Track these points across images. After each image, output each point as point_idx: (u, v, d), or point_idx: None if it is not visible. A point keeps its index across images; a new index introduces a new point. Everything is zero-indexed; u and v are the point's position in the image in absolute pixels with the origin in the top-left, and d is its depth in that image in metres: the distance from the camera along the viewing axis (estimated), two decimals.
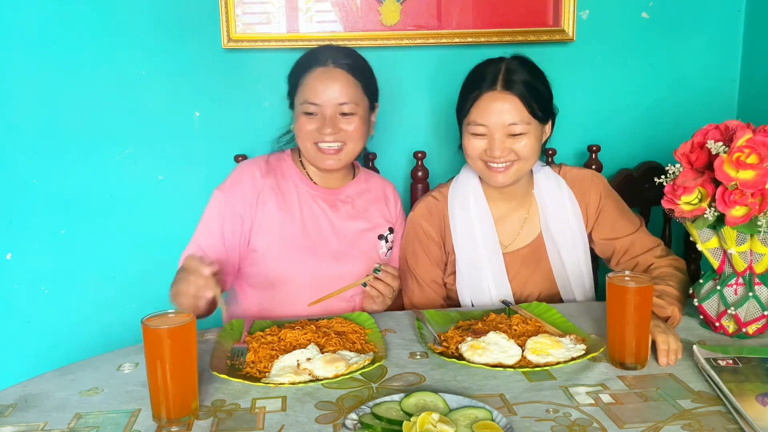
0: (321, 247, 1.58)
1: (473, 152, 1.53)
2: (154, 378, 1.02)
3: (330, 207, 1.62)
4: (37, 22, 1.85)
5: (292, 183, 1.62)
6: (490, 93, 1.49)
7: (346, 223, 1.63)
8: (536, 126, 1.51)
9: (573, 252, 1.61)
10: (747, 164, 1.20)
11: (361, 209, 1.66)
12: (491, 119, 1.49)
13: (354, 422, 0.99)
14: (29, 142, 1.90)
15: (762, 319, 1.31)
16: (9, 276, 1.96)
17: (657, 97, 2.09)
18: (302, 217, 1.59)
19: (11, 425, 1.03)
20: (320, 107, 1.52)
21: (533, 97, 1.48)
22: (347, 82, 1.54)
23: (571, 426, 1.00)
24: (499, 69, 1.50)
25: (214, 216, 1.57)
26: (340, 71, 1.54)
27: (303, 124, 1.54)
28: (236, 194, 1.57)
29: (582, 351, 1.23)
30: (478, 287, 1.60)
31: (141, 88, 1.91)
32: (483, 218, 1.61)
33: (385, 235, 1.66)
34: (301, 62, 1.58)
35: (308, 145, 1.55)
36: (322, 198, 1.62)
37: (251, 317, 1.48)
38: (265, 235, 1.57)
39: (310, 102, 1.52)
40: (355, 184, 1.68)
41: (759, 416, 0.98)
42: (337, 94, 1.52)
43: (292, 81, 1.59)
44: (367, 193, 1.69)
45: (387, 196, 1.72)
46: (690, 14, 2.05)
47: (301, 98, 1.54)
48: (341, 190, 1.66)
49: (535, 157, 1.54)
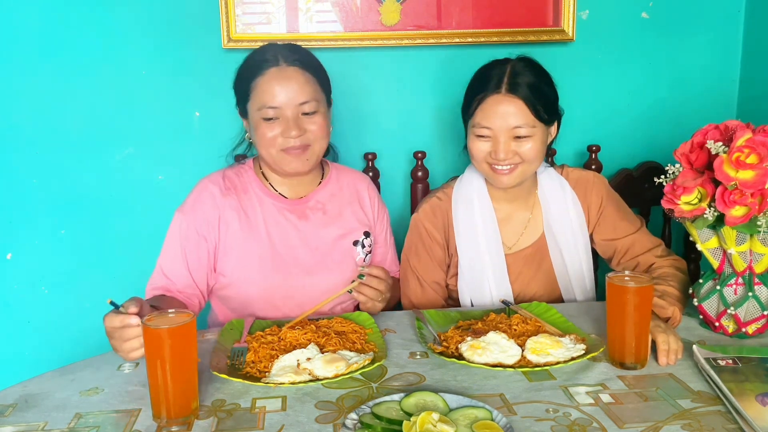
0: (291, 263, 1.51)
1: (478, 154, 1.53)
2: (154, 378, 1.02)
3: (298, 218, 1.55)
4: (38, 23, 1.85)
5: (255, 198, 1.53)
6: (495, 96, 1.48)
7: (317, 232, 1.55)
8: (541, 128, 1.51)
9: (575, 252, 1.62)
10: (747, 164, 1.20)
11: (333, 214, 1.58)
12: (496, 122, 1.48)
13: (354, 422, 0.99)
14: (29, 142, 1.90)
15: (762, 318, 1.31)
16: (9, 276, 1.96)
17: (657, 97, 2.09)
18: (268, 233, 1.52)
19: (11, 425, 1.03)
20: (280, 110, 1.44)
21: (538, 100, 1.48)
22: (304, 80, 1.45)
23: (570, 426, 1.00)
24: (504, 71, 1.50)
25: (176, 240, 1.49)
26: (294, 69, 1.45)
27: (264, 131, 1.45)
28: (198, 216, 1.49)
29: (582, 351, 1.23)
30: (479, 288, 1.60)
31: (141, 88, 1.91)
32: (487, 219, 1.61)
33: (360, 240, 1.59)
34: (248, 66, 1.49)
35: (273, 152, 1.47)
36: (288, 209, 1.55)
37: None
38: (231, 259, 1.50)
39: (269, 106, 1.44)
40: (324, 186, 1.60)
41: (759, 416, 0.98)
42: (296, 94, 1.44)
43: (242, 87, 1.50)
44: (339, 194, 1.61)
45: (360, 194, 1.64)
46: (690, 14, 2.05)
47: (257, 104, 1.45)
48: (310, 196, 1.58)
49: (540, 159, 1.54)
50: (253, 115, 1.48)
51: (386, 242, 1.71)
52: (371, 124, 2.01)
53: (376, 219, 1.67)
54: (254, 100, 1.47)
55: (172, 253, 1.50)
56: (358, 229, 1.61)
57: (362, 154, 1.99)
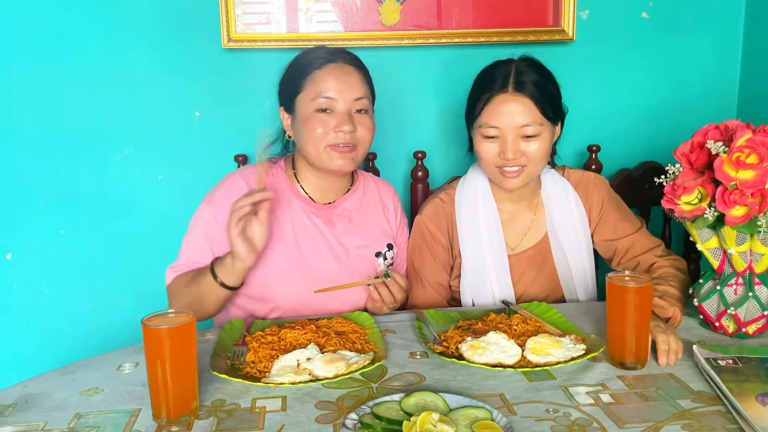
0: (314, 266, 1.52)
1: (487, 156, 1.52)
2: (154, 378, 1.02)
3: (325, 223, 1.55)
4: (37, 22, 1.85)
5: (284, 198, 1.54)
6: (502, 95, 1.48)
7: (341, 239, 1.56)
8: (548, 127, 1.51)
9: (578, 253, 1.62)
10: (747, 164, 1.20)
11: (358, 223, 1.59)
12: (504, 121, 1.48)
13: (354, 422, 0.99)
14: (29, 142, 1.90)
15: (762, 319, 1.31)
16: (9, 276, 1.96)
17: (657, 97, 2.09)
18: (295, 234, 1.52)
19: (11, 425, 1.03)
20: (335, 102, 1.45)
21: (545, 98, 1.48)
22: (360, 78, 1.49)
23: (571, 426, 1.00)
24: (509, 71, 1.50)
25: (202, 231, 1.50)
26: (351, 68, 1.49)
27: (315, 125, 1.45)
28: (225, 208, 1.44)
29: (582, 351, 1.23)
30: (481, 289, 1.60)
31: (141, 88, 1.91)
32: (490, 220, 1.61)
33: (383, 252, 1.60)
34: (305, 60, 1.50)
35: (320, 148, 1.46)
36: (315, 213, 1.55)
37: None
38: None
39: (326, 96, 1.44)
40: (353, 194, 1.61)
41: (759, 416, 0.98)
42: (353, 89, 1.46)
43: (295, 80, 1.49)
44: (365, 204, 1.62)
45: (386, 204, 1.65)
46: (690, 14, 2.05)
47: (311, 94, 1.45)
48: (338, 203, 1.58)
49: (545, 160, 1.54)
50: (304, 108, 1.48)
51: (404, 251, 1.70)
52: None
53: (398, 230, 1.67)
54: (309, 90, 1.47)
55: (197, 244, 1.50)
56: (382, 240, 1.61)
57: None
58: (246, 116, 1.96)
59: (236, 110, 1.95)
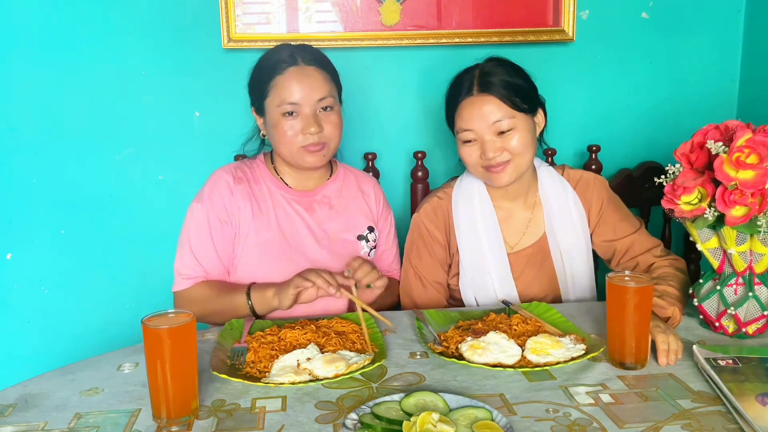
0: (299, 252, 1.57)
1: (470, 159, 1.55)
2: (154, 378, 1.02)
3: (306, 209, 1.61)
4: (37, 22, 1.85)
5: (266, 188, 1.60)
6: (469, 98, 1.52)
7: (323, 224, 1.61)
8: (523, 118, 1.52)
9: (577, 252, 1.62)
10: (747, 164, 1.20)
11: (339, 209, 1.64)
12: (475, 123, 1.50)
13: (354, 422, 0.99)
14: (29, 142, 1.90)
15: (762, 319, 1.31)
16: (9, 276, 1.96)
17: (657, 97, 2.09)
18: (278, 221, 1.58)
19: (11, 425, 1.03)
20: (299, 106, 1.50)
21: (511, 92, 1.50)
22: (322, 78, 1.52)
23: (571, 426, 1.00)
24: (473, 75, 1.53)
25: (202, 228, 1.54)
26: (312, 68, 1.52)
27: (284, 128, 1.51)
28: (216, 203, 1.55)
29: (582, 351, 1.23)
30: (482, 287, 1.60)
31: (141, 88, 1.91)
32: (487, 218, 1.61)
33: (365, 235, 1.65)
34: (267, 65, 1.54)
35: (293, 150, 1.52)
36: (297, 201, 1.61)
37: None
38: (243, 242, 1.55)
39: (289, 102, 1.49)
40: (332, 182, 1.66)
41: (759, 416, 0.98)
42: (315, 90, 1.50)
43: (260, 86, 1.54)
44: (345, 191, 1.67)
45: (366, 192, 1.70)
46: (690, 14, 2.05)
47: (276, 101, 1.51)
48: (317, 190, 1.63)
49: (530, 150, 1.54)
50: (272, 112, 1.53)
51: (388, 241, 1.73)
52: (371, 124, 2.01)
53: (380, 216, 1.71)
54: (273, 97, 1.52)
55: (200, 242, 1.54)
56: (363, 224, 1.66)
57: (362, 154, 2.00)
58: (246, 116, 1.95)
59: (236, 110, 1.95)
